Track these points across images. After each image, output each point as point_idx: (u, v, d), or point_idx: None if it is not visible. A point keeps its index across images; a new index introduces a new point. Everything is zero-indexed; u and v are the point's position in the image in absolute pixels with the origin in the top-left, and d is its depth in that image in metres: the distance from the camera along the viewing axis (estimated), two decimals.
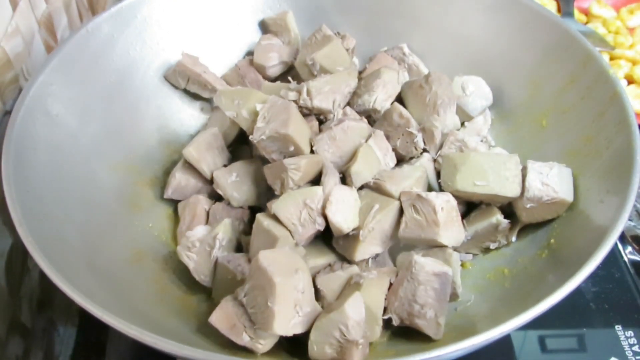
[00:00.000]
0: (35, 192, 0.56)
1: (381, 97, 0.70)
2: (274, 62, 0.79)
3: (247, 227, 0.67)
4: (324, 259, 0.62)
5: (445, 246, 0.60)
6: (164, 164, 0.74)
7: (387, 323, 0.58)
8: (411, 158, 0.69)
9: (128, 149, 0.71)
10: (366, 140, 0.65)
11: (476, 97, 0.74)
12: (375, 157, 0.65)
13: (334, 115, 0.68)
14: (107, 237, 0.62)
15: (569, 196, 0.61)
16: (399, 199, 0.61)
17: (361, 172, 0.63)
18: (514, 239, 0.66)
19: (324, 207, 0.59)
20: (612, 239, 0.51)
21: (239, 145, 0.73)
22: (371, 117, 0.71)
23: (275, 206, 0.59)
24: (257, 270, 0.51)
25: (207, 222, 0.68)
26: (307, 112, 0.67)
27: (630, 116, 0.60)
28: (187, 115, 0.79)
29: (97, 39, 0.69)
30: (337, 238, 0.62)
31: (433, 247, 0.61)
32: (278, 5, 0.82)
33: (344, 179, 0.64)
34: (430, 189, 0.68)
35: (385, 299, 0.57)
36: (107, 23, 0.70)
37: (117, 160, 0.69)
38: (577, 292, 0.50)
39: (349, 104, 0.71)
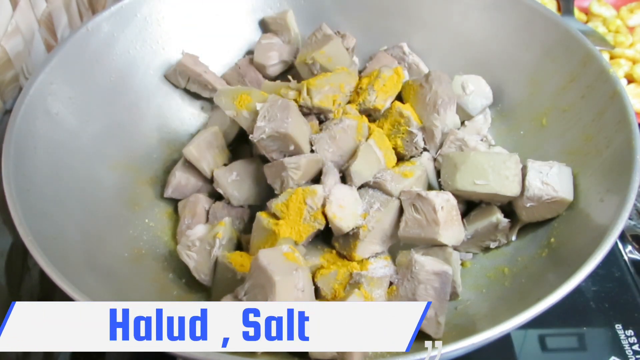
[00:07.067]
0: (36, 191, 0.56)
1: (381, 96, 0.70)
2: (274, 61, 0.79)
3: (247, 226, 0.67)
4: (324, 257, 0.62)
5: (446, 245, 0.60)
6: (164, 162, 0.74)
7: None
8: (411, 157, 0.70)
9: (128, 147, 0.71)
10: (366, 140, 0.65)
11: (476, 96, 0.74)
12: (375, 156, 0.65)
13: (334, 114, 0.68)
14: (107, 236, 0.62)
15: (569, 195, 0.61)
16: (399, 198, 0.61)
17: (361, 171, 0.63)
18: (514, 238, 0.66)
19: (323, 206, 0.59)
20: (612, 238, 0.51)
21: (239, 145, 0.73)
22: (371, 116, 0.71)
23: (275, 205, 0.59)
24: (257, 269, 0.51)
25: (207, 221, 0.68)
26: (307, 111, 0.67)
27: (630, 115, 0.60)
28: (187, 114, 0.79)
29: (97, 38, 0.69)
30: (337, 237, 0.62)
31: (433, 246, 0.61)
32: (278, 4, 0.82)
33: (344, 178, 0.64)
34: (430, 188, 0.68)
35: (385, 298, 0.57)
36: (107, 22, 0.70)
37: (117, 159, 0.69)
38: (577, 291, 0.50)
39: (349, 103, 0.71)
